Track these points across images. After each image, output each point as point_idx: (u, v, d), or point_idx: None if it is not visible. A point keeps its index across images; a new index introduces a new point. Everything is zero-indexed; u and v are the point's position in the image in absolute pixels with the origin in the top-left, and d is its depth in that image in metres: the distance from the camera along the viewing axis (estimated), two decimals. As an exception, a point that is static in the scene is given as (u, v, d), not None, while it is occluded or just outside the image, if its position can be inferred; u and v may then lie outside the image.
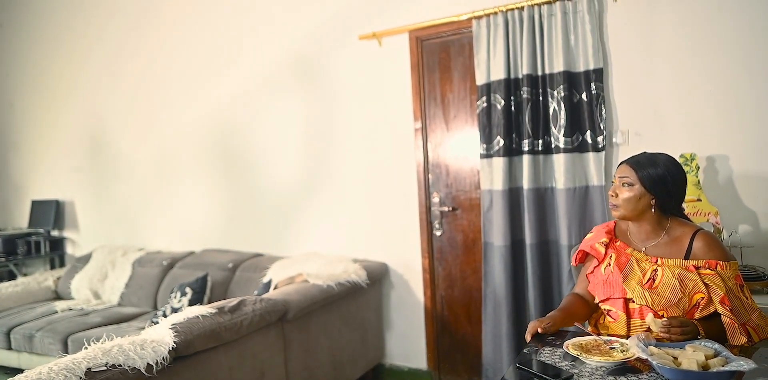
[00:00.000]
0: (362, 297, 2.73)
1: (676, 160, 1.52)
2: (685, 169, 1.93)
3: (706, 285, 1.39)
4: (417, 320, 2.89)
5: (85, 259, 3.74)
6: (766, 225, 2.09)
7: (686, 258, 1.45)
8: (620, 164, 1.55)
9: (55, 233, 4.25)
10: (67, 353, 2.66)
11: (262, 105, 3.28)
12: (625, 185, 1.49)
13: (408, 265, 2.90)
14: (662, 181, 1.46)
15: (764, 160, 2.09)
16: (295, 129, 3.19)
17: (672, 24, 2.22)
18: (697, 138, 2.18)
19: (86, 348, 1.57)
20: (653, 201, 1.48)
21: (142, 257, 3.55)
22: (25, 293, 3.54)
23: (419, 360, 2.90)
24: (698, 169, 2.09)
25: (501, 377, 1.26)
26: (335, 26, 3.01)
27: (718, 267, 1.40)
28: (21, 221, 4.47)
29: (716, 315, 1.40)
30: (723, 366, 1.11)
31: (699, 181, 2.09)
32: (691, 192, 2.03)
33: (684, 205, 2.01)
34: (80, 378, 1.41)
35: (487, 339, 2.55)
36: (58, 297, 3.66)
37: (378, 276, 2.83)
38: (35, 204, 4.29)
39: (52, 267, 4.23)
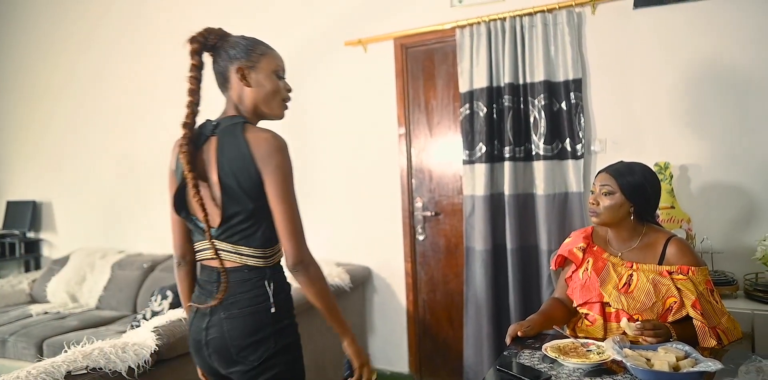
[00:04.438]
0: (345, 300, 2.74)
1: (651, 169, 1.57)
2: (659, 177, 1.99)
3: (678, 289, 1.44)
4: (399, 324, 2.91)
5: (63, 262, 3.67)
6: (735, 232, 2.17)
7: (660, 263, 1.50)
8: (599, 173, 1.59)
9: (31, 235, 4.17)
10: (42, 358, 2.61)
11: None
12: (606, 194, 1.53)
13: (391, 269, 2.92)
14: (641, 189, 1.51)
15: (734, 170, 2.17)
16: (280, 132, 3.18)
17: (647, 37, 2.30)
18: (671, 147, 2.26)
19: (66, 351, 1.55)
20: (632, 208, 1.53)
21: (122, 260, 3.51)
22: (-1, 296, 3.46)
23: (401, 363, 2.92)
24: (671, 177, 2.16)
25: (482, 379, 1.29)
26: (321, 32, 3.03)
27: (690, 273, 1.46)
28: (-5, 223, 4.37)
29: (688, 318, 1.44)
30: (693, 367, 1.16)
31: (672, 189, 2.16)
32: (664, 200, 2.09)
33: (658, 212, 2.08)
34: (60, 381, 1.39)
35: (468, 342, 2.58)
36: (33, 300, 3.58)
37: (361, 280, 2.85)
38: (11, 205, 4.20)
39: (27, 270, 4.14)
